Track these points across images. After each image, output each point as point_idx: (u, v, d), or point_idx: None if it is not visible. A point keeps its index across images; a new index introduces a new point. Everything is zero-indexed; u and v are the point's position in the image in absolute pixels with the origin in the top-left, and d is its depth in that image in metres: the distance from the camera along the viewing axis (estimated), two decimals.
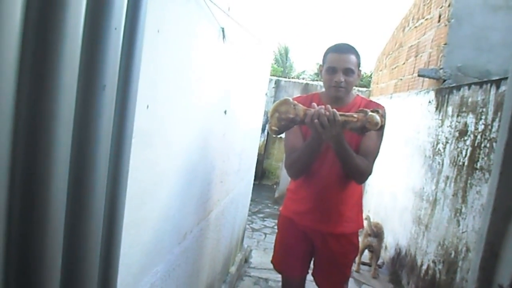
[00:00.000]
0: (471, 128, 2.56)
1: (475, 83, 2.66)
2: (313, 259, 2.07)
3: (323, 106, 1.61)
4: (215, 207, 2.21)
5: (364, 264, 3.87)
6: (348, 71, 1.81)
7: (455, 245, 2.53)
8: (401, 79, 4.88)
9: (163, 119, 1.24)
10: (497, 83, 2.32)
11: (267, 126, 2.31)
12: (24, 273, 0.62)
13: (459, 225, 2.52)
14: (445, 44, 3.36)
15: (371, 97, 6.65)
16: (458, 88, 2.92)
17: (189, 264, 1.79)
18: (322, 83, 2.00)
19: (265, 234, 4.98)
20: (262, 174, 8.03)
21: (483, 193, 2.26)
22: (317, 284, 2.06)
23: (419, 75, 3.63)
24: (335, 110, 1.60)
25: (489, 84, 2.42)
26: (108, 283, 0.84)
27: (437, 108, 3.29)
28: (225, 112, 2.09)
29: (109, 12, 0.70)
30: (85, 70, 0.67)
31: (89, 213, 0.73)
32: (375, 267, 3.74)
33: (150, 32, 0.99)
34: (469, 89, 2.72)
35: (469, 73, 3.24)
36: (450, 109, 3.00)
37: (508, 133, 0.83)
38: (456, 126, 2.82)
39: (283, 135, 1.88)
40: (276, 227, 2.17)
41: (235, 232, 3.14)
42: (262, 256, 3.87)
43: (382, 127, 1.64)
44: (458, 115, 2.83)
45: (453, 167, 2.76)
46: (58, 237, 0.66)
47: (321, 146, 1.76)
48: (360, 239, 3.34)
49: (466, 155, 2.58)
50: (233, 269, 3.11)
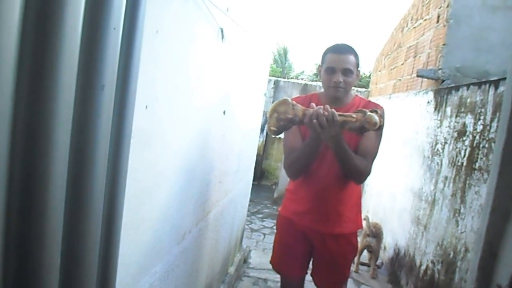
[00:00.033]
0: (470, 128, 2.56)
1: (473, 84, 2.67)
2: (312, 259, 2.07)
3: (321, 106, 1.61)
4: (214, 207, 2.21)
5: (363, 264, 3.87)
6: (347, 72, 1.81)
7: (453, 245, 2.53)
8: (400, 80, 4.89)
9: (162, 119, 1.24)
10: (496, 83, 2.32)
11: (266, 127, 2.31)
12: (23, 273, 0.62)
13: (457, 226, 2.52)
14: (443, 44, 3.36)
15: (370, 98, 6.65)
16: (457, 88, 2.92)
17: (188, 264, 1.79)
18: (321, 84, 2.00)
19: (264, 235, 4.98)
20: (261, 175, 8.03)
21: (481, 193, 2.26)
22: (316, 284, 2.06)
23: (417, 76, 3.64)
24: (333, 110, 1.60)
25: (487, 85, 2.42)
26: (106, 283, 0.84)
27: (435, 109, 3.30)
28: (224, 112, 2.09)
29: (108, 12, 0.70)
30: (83, 70, 0.67)
31: (87, 213, 0.73)
32: (374, 268, 3.74)
33: (149, 32, 0.99)
34: (467, 89, 2.73)
35: (467, 74, 3.24)
36: (448, 109, 3.01)
37: (506, 133, 0.84)
38: (454, 127, 2.83)
39: (282, 136, 1.88)
40: (275, 227, 2.17)
41: (234, 233, 3.14)
42: (261, 256, 3.86)
43: (381, 127, 1.64)
44: (456, 116, 2.83)
45: (451, 168, 2.77)
46: (56, 237, 0.66)
47: (320, 146, 1.76)
48: (359, 239, 3.34)
49: (464, 155, 2.58)
50: (232, 270, 3.11)
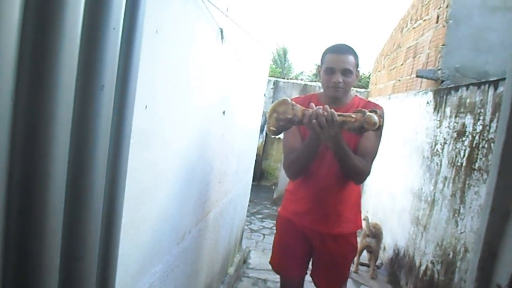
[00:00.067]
0: (469, 128, 2.56)
1: (473, 84, 2.67)
2: (311, 259, 2.07)
3: (321, 106, 1.61)
4: (213, 207, 2.21)
5: (363, 264, 3.87)
6: (346, 72, 1.81)
7: (453, 245, 2.53)
8: (399, 80, 4.89)
9: (162, 119, 1.24)
10: (495, 84, 2.32)
11: (265, 127, 2.31)
12: (22, 273, 0.62)
13: (457, 226, 2.52)
14: (443, 45, 3.37)
15: (369, 98, 6.65)
16: (456, 89, 2.92)
17: (187, 264, 1.79)
18: (320, 84, 2.00)
19: (264, 235, 4.98)
20: (260, 175, 8.03)
21: (481, 193, 2.26)
22: (315, 284, 2.06)
23: (417, 76, 3.64)
24: (333, 110, 1.60)
25: (487, 85, 2.42)
26: (106, 283, 0.84)
27: (435, 109, 3.30)
28: (223, 112, 2.09)
29: (108, 12, 0.70)
30: (83, 70, 0.67)
31: (87, 213, 0.73)
32: (374, 268, 3.74)
33: (149, 32, 0.99)
34: (467, 90, 2.73)
35: (467, 74, 3.25)
36: (448, 110, 3.01)
37: (506, 133, 0.84)
38: (454, 127, 2.83)
39: (281, 136, 1.88)
40: (275, 227, 2.17)
41: (233, 233, 3.14)
42: (261, 256, 3.86)
43: (380, 127, 1.64)
44: (456, 116, 2.83)
45: (451, 168, 2.77)
46: (56, 237, 0.66)
47: (319, 146, 1.76)
48: (359, 239, 3.34)
49: (464, 155, 2.58)
50: (231, 270, 3.11)
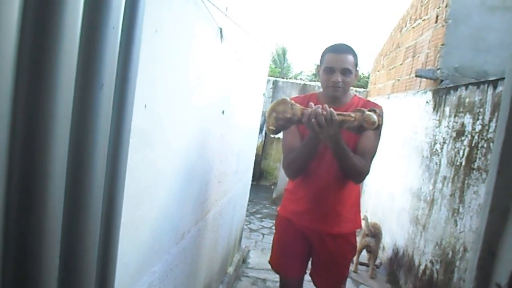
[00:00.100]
0: (469, 128, 2.56)
1: (472, 84, 2.67)
2: (311, 259, 2.07)
3: (320, 106, 1.61)
4: (213, 207, 2.21)
5: (362, 264, 3.88)
6: (346, 71, 1.81)
7: (452, 245, 2.53)
8: (398, 80, 4.89)
9: (161, 118, 1.24)
10: (494, 83, 2.33)
11: (264, 126, 2.31)
12: (22, 272, 0.62)
13: (456, 225, 2.52)
14: (442, 44, 3.37)
15: (368, 98, 6.66)
16: (456, 88, 2.92)
17: (187, 264, 1.79)
18: (320, 84, 2.00)
19: (263, 235, 4.97)
20: (260, 175, 8.03)
21: (480, 193, 2.27)
22: (315, 284, 2.06)
23: (416, 76, 3.64)
24: (332, 109, 1.60)
25: (486, 85, 2.43)
26: (105, 282, 0.83)
27: (434, 109, 3.30)
28: (223, 112, 2.09)
29: (107, 11, 0.70)
30: (82, 69, 0.67)
31: (86, 212, 0.73)
32: (373, 267, 3.74)
33: (148, 32, 0.99)
34: (466, 89, 2.73)
35: (466, 74, 3.25)
36: (447, 109, 3.01)
37: (505, 133, 0.84)
38: (453, 127, 2.83)
39: (281, 135, 1.88)
40: (274, 227, 2.17)
41: (233, 233, 3.14)
42: (260, 256, 3.86)
43: (380, 126, 1.64)
44: (455, 116, 2.83)
45: (450, 167, 2.77)
46: (55, 236, 0.66)
47: (318, 145, 1.76)
48: (358, 239, 3.34)
49: (463, 155, 2.58)
50: (231, 270, 3.11)
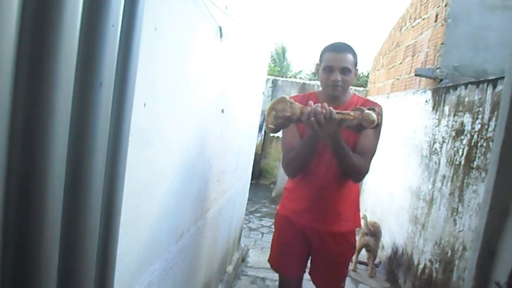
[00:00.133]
0: (468, 127, 2.57)
1: (471, 83, 2.67)
2: (310, 258, 2.07)
3: (319, 104, 1.61)
4: (212, 206, 2.21)
5: (361, 263, 3.88)
6: (345, 70, 1.81)
7: (451, 244, 2.54)
8: (398, 79, 4.89)
9: (161, 117, 1.24)
10: (494, 82, 2.33)
11: (264, 125, 2.30)
12: (21, 271, 0.62)
13: (455, 224, 2.53)
14: (442, 43, 3.37)
15: (368, 97, 6.66)
16: (455, 87, 2.92)
17: (186, 263, 1.79)
18: (319, 83, 2.00)
19: (262, 234, 4.98)
20: (259, 174, 8.03)
21: (479, 192, 2.27)
22: (314, 283, 2.06)
23: (416, 75, 3.64)
24: (331, 108, 1.60)
25: (485, 84, 2.43)
26: (105, 281, 0.83)
27: (434, 108, 3.30)
28: (222, 111, 2.08)
29: (107, 9, 0.70)
30: (82, 67, 0.67)
31: (86, 211, 0.73)
32: (372, 266, 3.74)
33: (148, 30, 0.99)
34: (465, 88, 2.73)
35: (466, 73, 3.25)
36: (447, 108, 3.01)
37: (504, 132, 0.84)
38: (452, 126, 2.83)
39: (280, 134, 1.88)
40: (273, 226, 2.17)
41: (232, 231, 3.14)
42: (259, 255, 3.87)
43: (379, 125, 1.65)
44: (454, 115, 2.84)
45: (449, 166, 2.77)
46: (55, 235, 0.65)
47: (318, 144, 1.76)
48: (357, 238, 3.35)
49: (462, 154, 2.59)
50: (230, 268, 3.11)
